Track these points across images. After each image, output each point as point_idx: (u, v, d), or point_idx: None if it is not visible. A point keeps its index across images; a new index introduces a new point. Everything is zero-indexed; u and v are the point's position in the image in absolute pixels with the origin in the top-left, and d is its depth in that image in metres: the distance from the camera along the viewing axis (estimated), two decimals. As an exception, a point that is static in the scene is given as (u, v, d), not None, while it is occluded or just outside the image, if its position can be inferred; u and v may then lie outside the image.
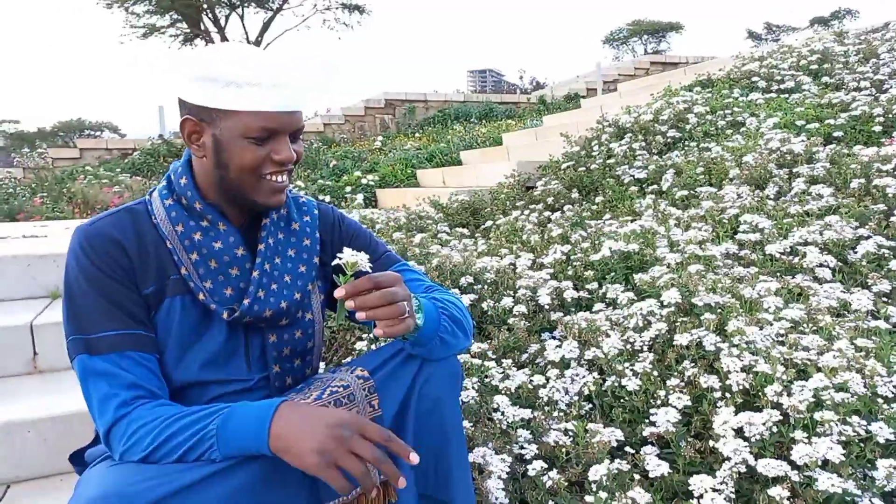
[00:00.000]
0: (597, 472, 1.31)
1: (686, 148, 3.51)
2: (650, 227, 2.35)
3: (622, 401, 1.61)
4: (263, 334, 1.12)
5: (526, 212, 3.25)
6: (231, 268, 1.08)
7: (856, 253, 2.18)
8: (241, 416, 0.93)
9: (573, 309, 2.10)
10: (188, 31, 15.44)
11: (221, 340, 1.08)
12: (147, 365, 1.01)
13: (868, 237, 2.21)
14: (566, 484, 1.31)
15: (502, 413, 1.52)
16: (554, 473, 1.33)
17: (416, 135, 10.79)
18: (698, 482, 1.32)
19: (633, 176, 3.33)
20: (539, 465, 1.34)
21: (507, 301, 2.07)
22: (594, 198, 3.25)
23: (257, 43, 15.14)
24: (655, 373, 1.62)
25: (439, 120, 12.26)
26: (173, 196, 1.09)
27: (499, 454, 1.39)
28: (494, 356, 1.87)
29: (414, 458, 0.94)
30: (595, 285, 2.14)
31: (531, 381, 1.68)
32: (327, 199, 3.24)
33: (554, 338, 1.96)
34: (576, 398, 1.64)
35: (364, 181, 5.56)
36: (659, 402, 1.54)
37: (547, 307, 2.07)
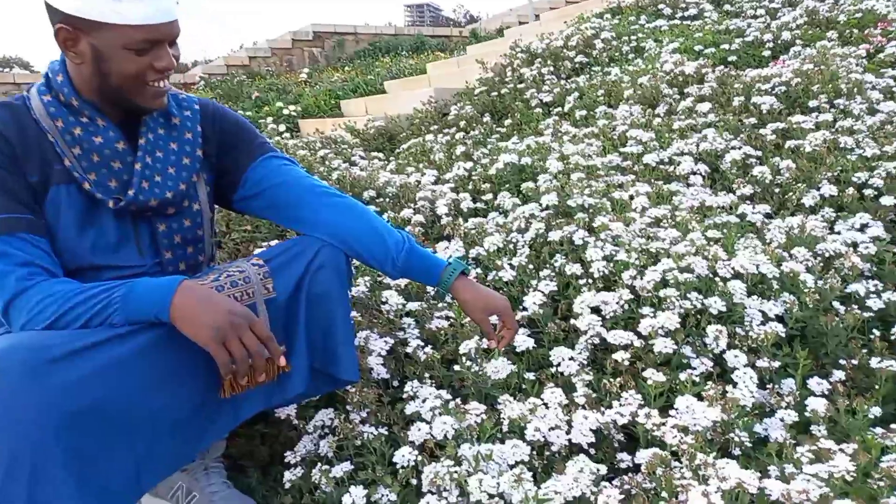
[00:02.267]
0: (466, 346, 1.47)
1: (591, 73, 3.65)
2: (545, 143, 2.50)
3: (500, 292, 1.77)
4: (152, 223, 1.20)
5: (439, 136, 3.34)
6: (113, 161, 1.14)
7: (726, 163, 2.38)
8: (145, 286, 1.02)
9: (469, 219, 2.23)
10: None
11: (111, 228, 1.16)
12: (40, 246, 1.07)
13: (739, 148, 2.42)
14: (439, 358, 1.47)
15: (391, 305, 1.66)
16: (429, 349, 1.48)
17: (346, 68, 10.58)
18: (558, 353, 1.50)
19: (540, 100, 3.45)
20: (417, 343, 1.48)
21: (406, 212, 2.19)
22: (502, 122, 3.37)
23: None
24: (531, 266, 1.78)
25: (369, 53, 12.00)
26: (51, 93, 1.13)
27: (383, 338, 1.53)
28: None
29: (283, 362, 1.11)
30: (490, 196, 2.28)
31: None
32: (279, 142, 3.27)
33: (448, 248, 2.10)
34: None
35: (286, 112, 5.50)
36: (532, 291, 1.71)
37: (444, 217, 2.20)
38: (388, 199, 2.29)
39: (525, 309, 1.63)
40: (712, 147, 2.38)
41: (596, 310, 1.59)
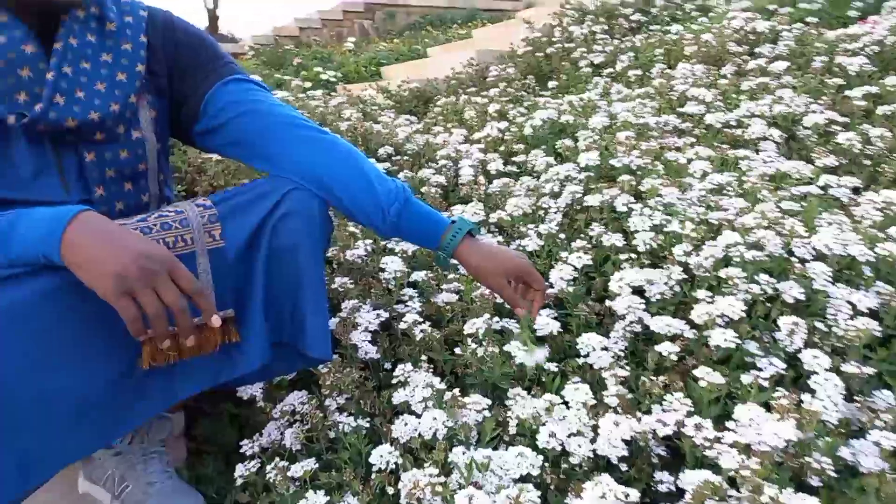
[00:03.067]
0: (473, 325, 1.19)
1: (649, 32, 3.28)
2: (590, 99, 2.18)
3: (524, 264, 1.48)
4: (78, 151, 0.96)
5: (474, 98, 3.05)
6: (20, 68, 0.91)
7: (805, 128, 2.03)
8: (34, 216, 0.79)
9: (495, 181, 1.95)
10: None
11: (25, 155, 0.92)
12: None
13: (820, 112, 2.05)
14: (440, 338, 1.20)
15: (390, 272, 1.39)
16: (427, 326, 1.21)
17: (395, 41, 10.31)
18: (587, 341, 1.22)
19: (590, 60, 3.11)
20: (412, 318, 1.22)
21: (425, 172, 1.92)
22: (549, 84, 3.04)
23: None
24: (562, 236, 1.49)
25: (420, 26, 11.68)
26: None
27: (376, 310, 1.27)
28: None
29: (215, 321, 0.86)
30: (523, 158, 1.99)
31: (431, 244, 1.55)
32: (283, 94, 3.02)
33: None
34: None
35: (324, 77, 5.27)
36: (560, 264, 1.42)
37: (469, 180, 1.92)
38: (406, 158, 2.02)
39: (551, 285, 1.35)
40: (789, 110, 2.02)
41: (638, 290, 1.30)
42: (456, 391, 1.07)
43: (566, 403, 1.06)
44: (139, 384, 0.89)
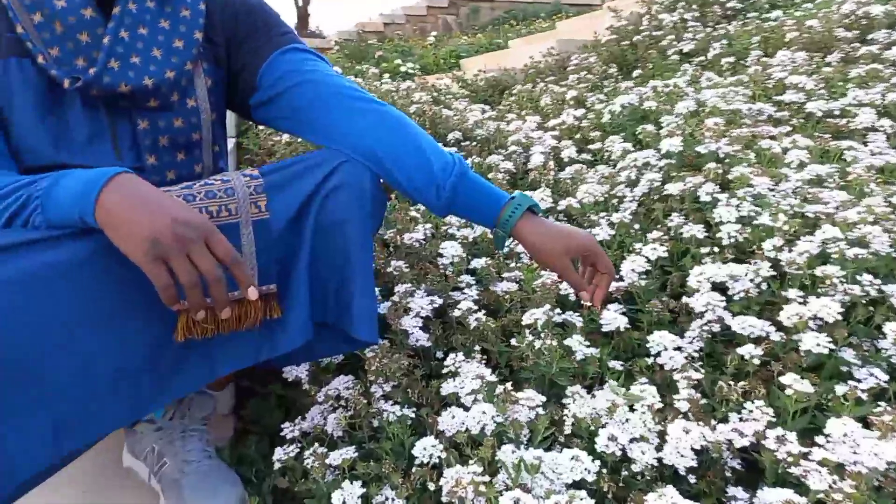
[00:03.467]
0: (532, 315, 1.11)
1: (746, 20, 3.06)
2: (675, 85, 2.03)
3: (594, 255, 1.38)
4: (132, 118, 0.95)
5: (552, 86, 2.93)
6: (80, 33, 0.90)
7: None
8: (75, 177, 0.77)
9: (567, 168, 1.84)
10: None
11: (80, 119, 0.91)
12: None
13: (942, 102, 1.82)
14: (497, 327, 1.12)
15: (448, 257, 1.32)
16: (482, 315, 1.13)
17: (477, 35, 10.26)
18: (659, 339, 1.11)
19: (679, 49, 2.93)
20: (468, 305, 1.14)
21: (494, 158, 1.83)
22: (630, 73, 2.89)
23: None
24: (636, 226, 1.37)
25: (505, 21, 11.58)
26: None
27: (430, 296, 1.20)
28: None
29: (252, 294, 0.81)
30: (599, 146, 1.87)
31: (495, 231, 1.47)
32: (361, 81, 3.05)
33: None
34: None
35: (403, 69, 5.27)
36: (635, 256, 1.31)
37: (539, 167, 1.82)
38: (475, 143, 1.95)
39: (621, 278, 1.24)
40: (905, 98, 1.81)
41: (720, 287, 1.17)
42: (509, 385, 0.99)
43: (631, 406, 0.95)
44: (177, 357, 0.86)
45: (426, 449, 0.92)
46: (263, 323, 0.90)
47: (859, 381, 1.00)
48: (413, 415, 1.01)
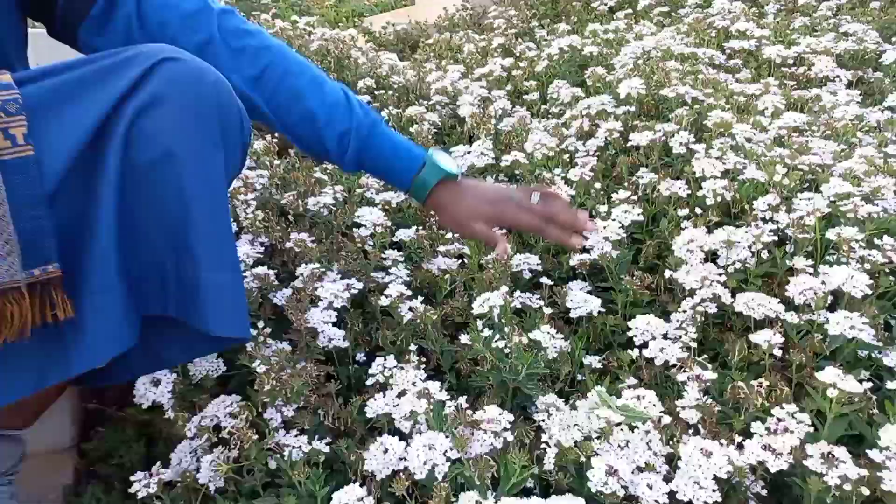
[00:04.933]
0: (485, 301, 0.83)
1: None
2: (617, 29, 1.79)
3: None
4: None
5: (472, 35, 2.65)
6: None
7: (875, 71, 1.67)
8: None
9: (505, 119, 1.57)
10: None
11: None
12: None
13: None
14: (437, 319, 0.83)
15: (368, 226, 1.02)
16: (418, 303, 0.84)
17: (381, -1, 9.80)
18: (643, 325, 0.86)
19: (605, 3, 2.72)
20: (397, 290, 0.84)
21: (415, 110, 1.53)
22: (554, 26, 2.65)
23: None
24: (598, 185, 1.12)
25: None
26: None
27: (345, 279, 0.89)
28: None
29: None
30: (536, 96, 1.61)
31: (423, 194, 1.17)
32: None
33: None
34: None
35: (300, 25, 4.82)
36: (599, 220, 1.05)
37: (468, 120, 1.54)
38: (391, 93, 1.63)
39: (587, 250, 0.99)
40: (859, 47, 1.66)
41: (711, 256, 0.94)
42: (462, 401, 0.70)
43: (630, 424, 0.70)
44: None
45: (349, 502, 0.63)
46: (43, 328, 0.56)
47: (892, 369, 0.80)
48: (327, 449, 0.71)
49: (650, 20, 2.36)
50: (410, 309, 0.82)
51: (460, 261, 0.99)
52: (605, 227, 0.95)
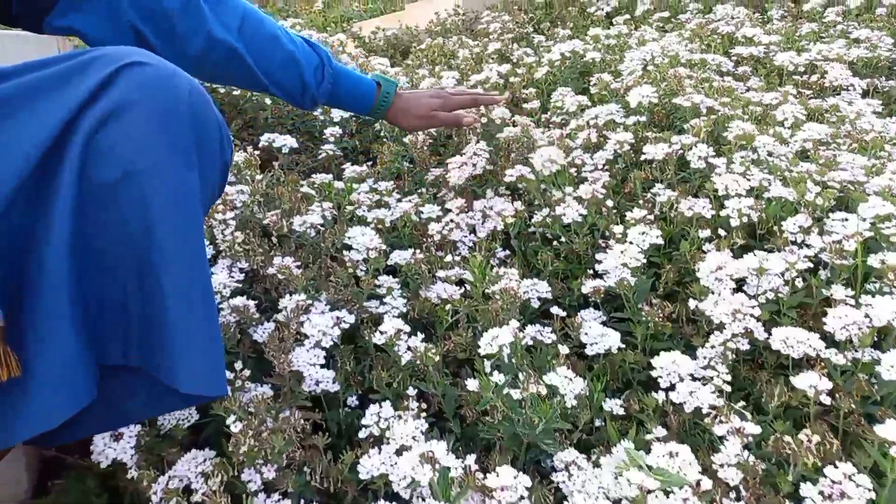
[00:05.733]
0: (493, 338, 0.73)
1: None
2: (619, 34, 1.71)
3: (557, 244, 1.02)
4: None
5: (466, 40, 2.56)
6: None
7: (888, 79, 1.60)
8: None
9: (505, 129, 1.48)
10: None
11: None
12: None
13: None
14: (438, 357, 0.73)
15: (360, 250, 0.92)
16: (418, 341, 0.74)
17: (370, 4, 9.74)
18: (668, 364, 0.77)
19: (598, 6, 2.64)
20: (393, 325, 0.75)
21: (409, 118, 1.43)
22: (551, 32, 2.57)
23: None
24: (610, 202, 1.03)
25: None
26: None
27: (335, 310, 0.80)
28: (377, 185, 1.26)
29: None
30: (536, 104, 1.52)
31: (419, 211, 1.08)
32: None
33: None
34: (485, 239, 1.05)
35: (289, 28, 4.72)
36: (613, 242, 0.96)
37: (464, 131, 1.44)
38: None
39: (600, 275, 0.90)
40: (872, 54, 1.59)
41: (739, 285, 0.85)
42: (470, 461, 0.61)
43: (666, 488, 0.60)
44: None
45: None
46: None
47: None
48: (314, 518, 0.61)
49: (649, 25, 2.29)
50: (409, 348, 0.72)
51: (462, 288, 0.89)
52: (622, 252, 0.86)
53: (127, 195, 0.50)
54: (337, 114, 1.41)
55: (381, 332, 0.74)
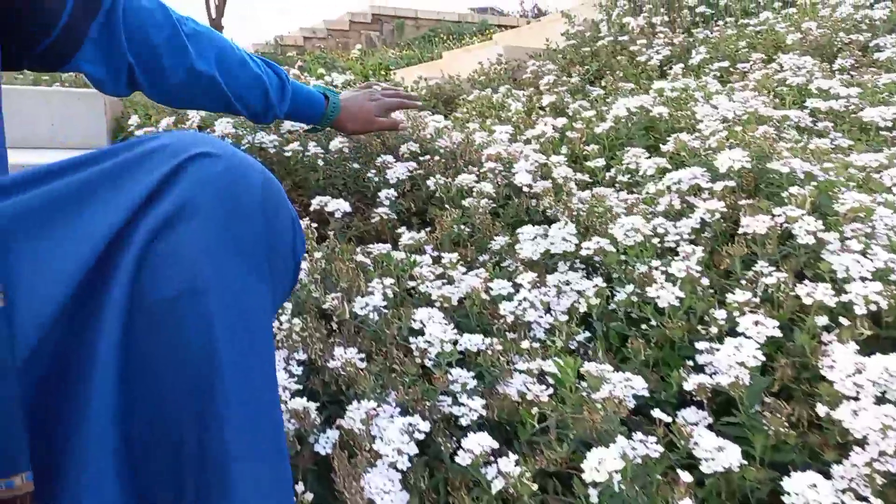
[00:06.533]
0: (599, 460, 0.61)
1: (719, 26, 2.74)
2: (685, 86, 1.62)
3: (647, 328, 0.91)
4: None
5: (514, 91, 2.49)
6: None
7: None
8: None
9: (565, 195, 1.38)
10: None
11: None
12: None
13: None
14: (528, 477, 0.62)
15: (428, 340, 0.82)
16: (511, 463, 0.63)
17: (404, 51, 9.91)
18: (804, 489, 0.64)
19: (651, 56, 2.56)
20: (478, 442, 0.64)
21: (466, 177, 1.35)
22: (599, 81, 2.49)
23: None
24: (705, 281, 0.91)
25: (430, 39, 11.28)
26: None
27: (406, 415, 0.69)
28: (435, 253, 1.17)
29: None
30: (601, 163, 1.42)
31: (488, 288, 0.97)
32: None
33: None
34: (564, 320, 0.94)
35: (328, 78, 4.74)
36: (714, 329, 0.85)
37: (526, 191, 1.35)
38: (439, 158, 1.46)
39: (701, 366, 0.78)
40: (966, 107, 1.46)
41: (880, 392, 0.72)
42: None
43: None
44: None
45: None
46: None
47: None
48: None
49: (704, 74, 2.20)
50: (500, 474, 0.61)
51: (548, 386, 0.78)
52: (736, 350, 0.74)
53: (186, 314, 0.41)
54: (392, 174, 1.32)
55: (465, 450, 0.63)
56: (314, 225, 1.06)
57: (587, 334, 0.95)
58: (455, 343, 0.80)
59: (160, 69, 0.88)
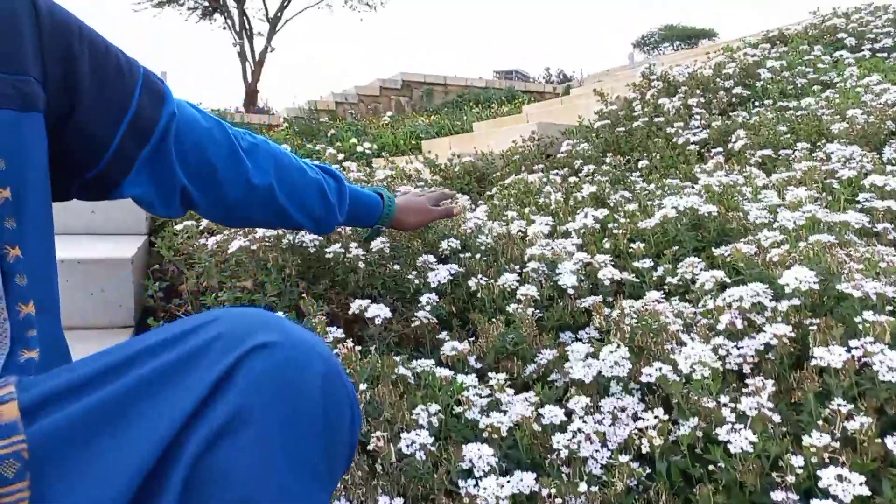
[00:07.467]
0: None
1: (756, 109, 2.71)
2: (733, 182, 1.57)
3: (714, 470, 0.84)
4: None
5: (550, 174, 2.48)
6: None
7: None
8: None
9: (612, 298, 1.33)
10: (206, 4, 14.66)
11: None
12: None
13: None
14: None
15: (477, 482, 0.76)
16: None
17: (433, 117, 10.13)
18: None
19: (689, 139, 2.54)
20: None
21: (509, 277, 1.31)
22: (636, 163, 2.47)
23: (276, 20, 14.33)
24: (777, 418, 0.84)
25: (458, 105, 11.52)
26: None
27: (459, 585, 0.62)
28: (479, 365, 1.11)
29: None
30: (647, 263, 1.37)
31: (539, 415, 0.91)
32: (317, 161, 2.57)
33: (581, 341, 1.20)
34: (622, 456, 0.87)
35: (360, 148, 4.80)
36: (791, 478, 0.77)
37: (572, 292, 1.30)
38: (480, 255, 1.42)
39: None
40: None
41: None
42: None
43: None
44: None
45: None
46: None
47: None
48: None
49: (745, 160, 2.16)
50: None
51: (612, 546, 0.71)
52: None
53: None
54: (433, 278, 1.29)
55: None
56: (350, 343, 1.01)
57: (647, 472, 0.88)
58: (500, 483, 0.74)
59: (218, 186, 0.86)
